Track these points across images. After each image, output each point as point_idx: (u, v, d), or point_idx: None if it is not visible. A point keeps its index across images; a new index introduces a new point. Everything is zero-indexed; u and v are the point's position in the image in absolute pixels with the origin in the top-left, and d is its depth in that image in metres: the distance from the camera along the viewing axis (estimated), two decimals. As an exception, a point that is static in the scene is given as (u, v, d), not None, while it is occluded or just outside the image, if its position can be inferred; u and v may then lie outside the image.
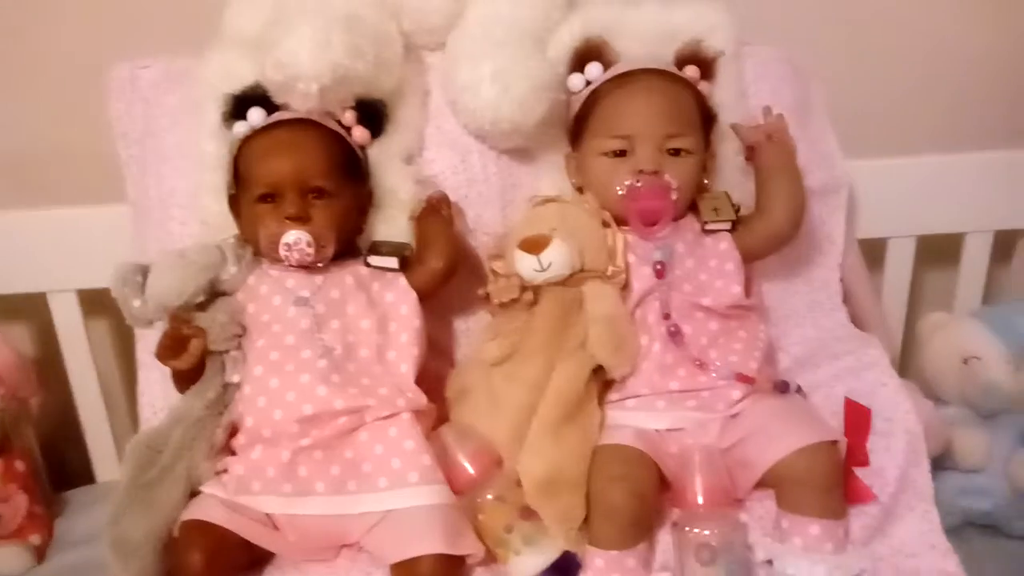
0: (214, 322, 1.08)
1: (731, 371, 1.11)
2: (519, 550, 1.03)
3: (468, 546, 1.02)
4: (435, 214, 1.16)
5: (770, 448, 1.05)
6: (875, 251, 1.52)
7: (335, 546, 1.07)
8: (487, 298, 1.15)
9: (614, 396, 1.14)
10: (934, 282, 1.66)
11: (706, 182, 1.22)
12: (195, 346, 1.06)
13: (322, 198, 1.11)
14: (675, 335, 1.13)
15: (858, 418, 1.12)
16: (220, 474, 1.06)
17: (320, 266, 1.11)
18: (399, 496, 1.02)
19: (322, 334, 1.09)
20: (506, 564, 1.04)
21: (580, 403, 1.09)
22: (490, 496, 1.06)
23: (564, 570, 1.04)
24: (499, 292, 1.13)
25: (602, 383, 1.13)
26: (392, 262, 1.14)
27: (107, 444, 1.49)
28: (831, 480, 1.05)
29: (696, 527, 1.02)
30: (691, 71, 1.22)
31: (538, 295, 1.13)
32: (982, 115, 1.60)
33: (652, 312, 1.15)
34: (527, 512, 1.05)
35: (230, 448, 1.08)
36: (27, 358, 1.46)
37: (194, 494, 1.05)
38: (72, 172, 1.46)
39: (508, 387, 1.10)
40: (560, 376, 1.09)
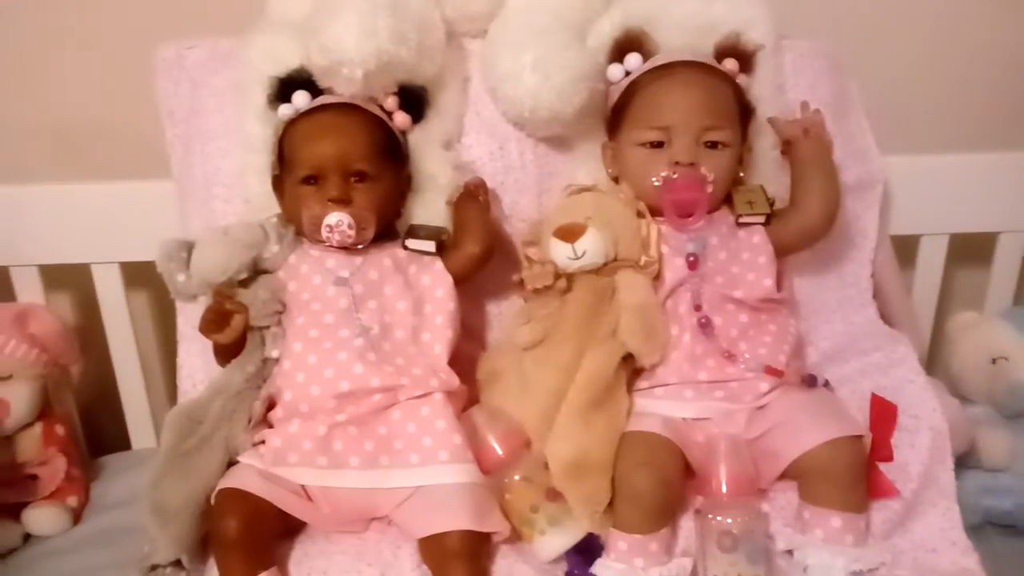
0: (256, 299, 1.10)
1: (760, 363, 1.11)
2: (544, 530, 1.05)
3: (494, 524, 1.04)
4: (472, 200, 1.17)
5: (796, 440, 1.06)
6: (907, 248, 1.51)
7: (366, 519, 1.09)
8: (521, 284, 1.16)
9: (643, 384, 1.15)
10: (965, 281, 1.65)
11: (741, 175, 1.22)
12: (237, 321, 1.08)
13: (364, 181, 1.12)
14: (705, 326, 1.14)
15: (884, 414, 1.13)
16: (257, 445, 1.09)
17: (360, 248, 1.13)
18: (429, 473, 1.05)
19: (360, 314, 1.11)
20: (531, 543, 1.06)
21: (609, 389, 1.10)
22: (517, 477, 1.07)
23: (587, 551, 1.06)
24: (533, 279, 1.14)
25: (631, 371, 1.14)
26: (429, 245, 1.15)
27: (143, 412, 1.52)
28: (855, 474, 1.05)
29: (719, 515, 1.03)
30: (730, 64, 1.22)
31: (571, 282, 1.14)
32: (1020, 114, 1.58)
33: (683, 303, 1.16)
34: (553, 494, 1.06)
35: (268, 421, 1.10)
36: (70, 327, 1.49)
37: (231, 464, 1.08)
38: (118, 148, 1.49)
39: (539, 371, 1.11)
40: (590, 362, 1.10)
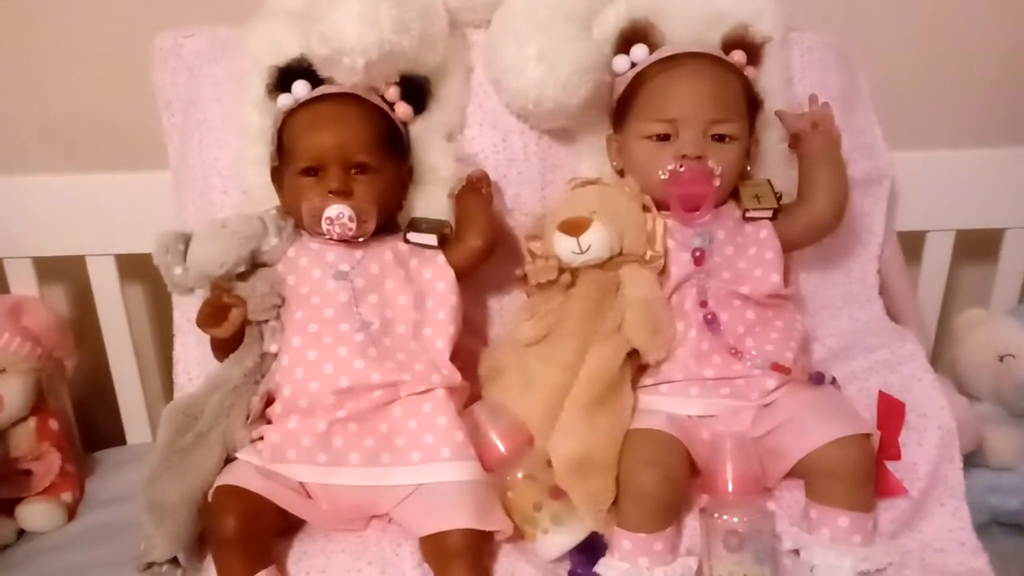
0: (254, 292, 1.09)
1: (767, 360, 1.10)
2: (547, 528, 1.04)
3: (497, 522, 1.03)
4: (474, 192, 1.16)
5: (803, 439, 1.05)
6: (913, 244, 1.50)
7: (366, 517, 1.08)
8: (524, 278, 1.15)
9: (648, 381, 1.14)
10: (971, 277, 1.64)
11: (748, 169, 1.21)
12: (235, 315, 1.07)
13: (364, 173, 1.11)
14: (711, 322, 1.12)
15: (891, 412, 1.12)
16: (255, 442, 1.07)
17: (360, 241, 1.11)
18: (431, 470, 1.03)
19: (360, 308, 1.10)
20: (533, 542, 1.05)
21: (613, 386, 1.09)
22: (520, 474, 1.06)
23: (590, 550, 1.05)
24: (537, 273, 1.12)
25: (636, 367, 1.13)
26: (431, 239, 1.13)
27: (139, 406, 1.51)
28: (862, 473, 1.04)
29: (724, 514, 1.03)
30: (738, 56, 1.20)
31: (575, 277, 1.13)
32: (1028, 110, 1.58)
33: (689, 298, 1.15)
34: (556, 492, 1.05)
35: (266, 417, 1.09)
36: (64, 320, 1.48)
37: (229, 461, 1.06)
38: (114, 138, 1.48)
39: (542, 367, 1.10)
40: (594, 359, 1.09)
